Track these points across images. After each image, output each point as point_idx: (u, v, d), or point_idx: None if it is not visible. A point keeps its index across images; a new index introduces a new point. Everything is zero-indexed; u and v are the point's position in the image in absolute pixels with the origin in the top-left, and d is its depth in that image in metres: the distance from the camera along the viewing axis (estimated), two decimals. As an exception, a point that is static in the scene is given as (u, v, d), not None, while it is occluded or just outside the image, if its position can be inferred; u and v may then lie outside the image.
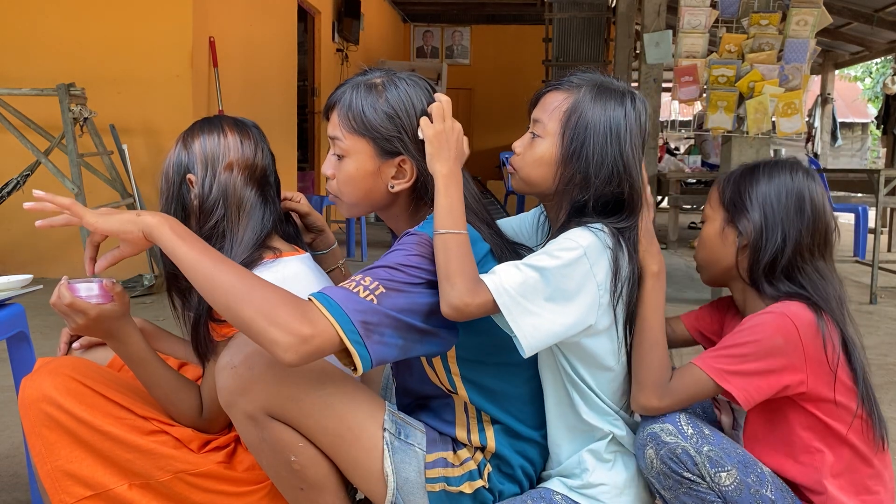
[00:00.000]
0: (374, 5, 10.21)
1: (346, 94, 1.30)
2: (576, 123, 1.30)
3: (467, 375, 1.31)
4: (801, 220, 1.34)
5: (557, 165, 1.31)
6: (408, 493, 1.29)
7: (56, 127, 4.39)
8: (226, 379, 1.22)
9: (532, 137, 1.35)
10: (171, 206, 1.40)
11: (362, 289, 1.14)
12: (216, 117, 1.45)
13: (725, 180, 1.42)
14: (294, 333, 1.07)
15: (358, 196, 1.33)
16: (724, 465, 1.21)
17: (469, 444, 1.35)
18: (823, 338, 1.25)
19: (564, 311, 1.22)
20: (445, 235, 1.21)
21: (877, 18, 8.02)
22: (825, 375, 1.26)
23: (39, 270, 3.94)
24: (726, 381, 1.24)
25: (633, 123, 1.31)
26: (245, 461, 1.34)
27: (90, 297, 1.26)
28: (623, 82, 1.36)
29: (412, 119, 1.29)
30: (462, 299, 1.17)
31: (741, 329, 1.28)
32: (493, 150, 10.36)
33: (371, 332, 1.12)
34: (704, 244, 1.43)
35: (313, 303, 1.12)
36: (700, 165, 8.27)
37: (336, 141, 1.31)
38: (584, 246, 1.24)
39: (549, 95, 1.35)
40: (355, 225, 6.14)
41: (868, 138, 19.19)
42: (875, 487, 1.30)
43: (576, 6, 9.34)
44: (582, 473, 1.33)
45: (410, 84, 1.31)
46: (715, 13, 4.27)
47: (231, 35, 5.59)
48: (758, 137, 4.20)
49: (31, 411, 1.28)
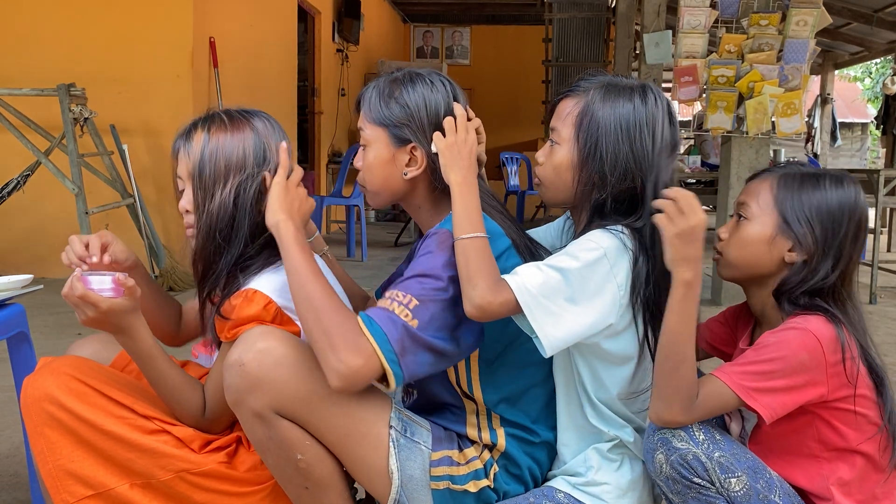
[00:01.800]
0: (374, 5, 10.21)
1: (371, 88, 1.41)
2: (588, 125, 1.32)
3: (486, 376, 1.34)
4: (856, 246, 1.32)
5: (575, 170, 1.34)
6: (412, 491, 1.30)
7: (56, 127, 4.39)
8: (234, 377, 1.22)
9: (551, 146, 1.39)
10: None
11: (397, 305, 1.23)
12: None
13: (780, 181, 1.34)
14: (346, 364, 1.17)
15: (378, 184, 1.41)
16: (734, 471, 1.21)
17: (479, 441, 1.36)
18: (843, 350, 1.25)
19: (585, 311, 1.23)
20: (465, 241, 1.26)
21: (876, 19, 8.02)
22: (845, 387, 1.25)
23: (39, 270, 3.94)
24: (752, 398, 1.22)
25: (645, 117, 1.31)
26: (247, 461, 1.34)
27: (102, 290, 1.26)
28: (635, 79, 1.37)
29: (424, 109, 1.36)
30: (485, 298, 1.20)
31: (765, 345, 1.26)
32: (493, 150, 10.32)
33: (406, 353, 1.20)
34: (743, 243, 1.35)
35: (359, 325, 1.21)
36: (700, 165, 8.25)
37: (361, 132, 1.42)
38: (605, 247, 1.25)
39: (562, 103, 1.38)
40: (355, 225, 6.14)
41: (868, 138, 19.19)
42: (884, 498, 1.29)
43: (576, 6, 9.34)
44: (587, 471, 1.34)
45: (428, 80, 1.39)
46: (715, 13, 4.27)
47: (231, 35, 5.59)
48: (757, 137, 4.20)
49: (33, 410, 1.28)
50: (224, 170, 1.34)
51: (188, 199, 1.37)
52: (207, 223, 1.34)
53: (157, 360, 1.34)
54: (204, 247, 1.35)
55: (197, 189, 1.35)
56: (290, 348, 1.24)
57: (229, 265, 1.34)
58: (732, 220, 1.39)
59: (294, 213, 1.32)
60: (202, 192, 1.34)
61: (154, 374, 1.34)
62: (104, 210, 4.53)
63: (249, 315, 1.28)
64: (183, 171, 1.37)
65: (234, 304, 1.30)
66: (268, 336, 1.24)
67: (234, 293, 1.32)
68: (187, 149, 1.36)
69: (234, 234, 1.34)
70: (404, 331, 1.20)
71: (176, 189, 1.41)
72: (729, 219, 1.41)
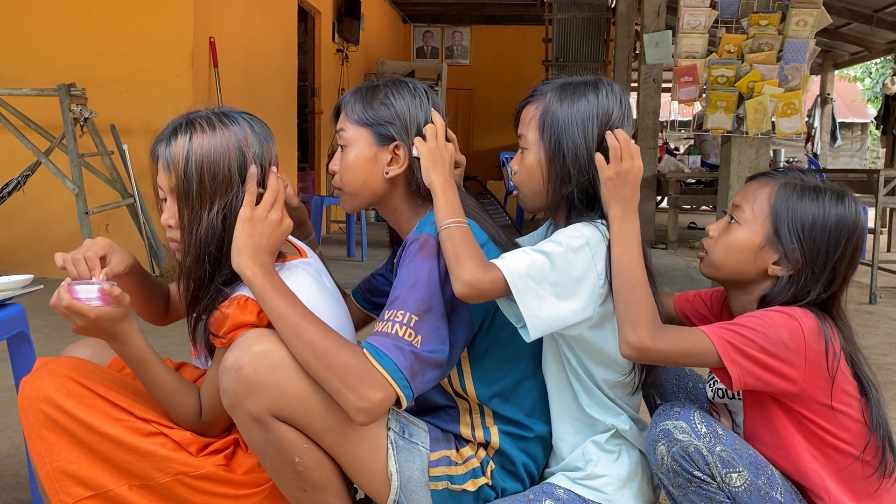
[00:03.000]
0: (374, 5, 10.21)
1: (352, 92, 1.46)
2: (549, 125, 1.38)
3: (477, 372, 1.35)
4: (851, 268, 1.30)
5: (544, 169, 1.39)
6: (411, 492, 1.30)
7: (56, 127, 4.39)
8: (230, 381, 1.22)
9: (521, 152, 1.44)
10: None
11: (399, 326, 1.24)
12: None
13: (779, 190, 1.32)
14: (368, 400, 1.19)
15: (357, 184, 1.43)
16: (735, 466, 1.22)
17: (473, 440, 1.37)
18: (826, 343, 1.25)
19: (568, 297, 1.27)
20: (450, 227, 1.30)
21: (876, 19, 8.03)
22: (823, 381, 1.25)
23: (39, 270, 3.93)
24: (728, 354, 1.21)
25: (598, 108, 1.36)
26: (244, 464, 1.34)
27: (89, 299, 1.25)
28: (591, 75, 1.42)
29: (407, 111, 1.41)
30: (473, 275, 1.24)
31: (751, 315, 1.27)
32: (493, 150, 10.37)
33: (416, 377, 1.24)
34: (730, 248, 1.35)
35: (367, 358, 1.22)
36: (700, 165, 8.26)
37: (340, 133, 1.44)
38: (587, 236, 1.30)
39: (524, 111, 1.44)
40: (355, 225, 6.14)
41: (867, 138, 19.19)
42: (878, 498, 1.29)
43: (576, 6, 9.35)
44: (586, 465, 1.35)
45: (410, 86, 1.44)
46: (715, 13, 4.27)
47: (231, 35, 5.59)
48: (757, 137, 4.20)
49: (31, 412, 1.27)
50: (210, 189, 1.30)
51: (172, 213, 1.33)
52: (196, 247, 1.31)
53: (151, 364, 1.33)
54: (193, 270, 1.32)
55: (182, 208, 1.31)
56: (286, 352, 1.23)
57: (219, 286, 1.32)
58: (724, 220, 1.39)
59: (261, 250, 1.28)
60: (189, 213, 1.31)
61: (148, 378, 1.34)
62: (104, 210, 4.53)
63: (244, 321, 1.28)
64: (164, 183, 1.33)
65: (227, 313, 1.28)
66: (264, 339, 1.24)
67: (224, 302, 1.30)
68: (167, 159, 1.32)
69: (224, 257, 1.31)
70: (412, 356, 1.22)
71: (157, 196, 1.37)
72: (723, 214, 1.42)
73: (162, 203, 1.36)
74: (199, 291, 1.33)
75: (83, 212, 4.26)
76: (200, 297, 1.34)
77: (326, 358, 1.21)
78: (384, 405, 1.21)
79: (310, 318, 1.24)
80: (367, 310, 1.69)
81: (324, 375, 1.21)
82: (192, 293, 1.34)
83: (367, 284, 1.68)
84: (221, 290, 1.32)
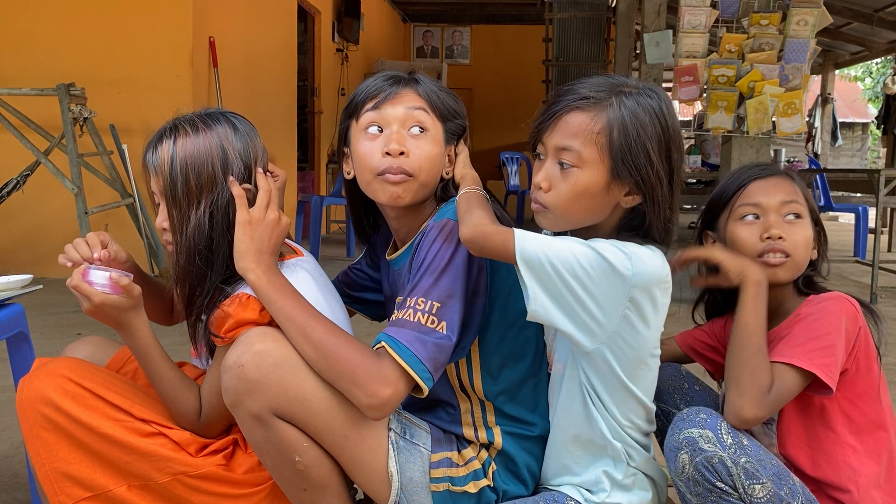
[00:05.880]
0: (374, 5, 10.21)
1: (425, 77, 1.41)
2: (624, 146, 1.21)
3: (486, 366, 1.34)
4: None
5: (605, 192, 1.23)
6: (412, 493, 1.30)
7: (56, 127, 4.39)
8: (232, 379, 1.22)
9: (562, 168, 1.24)
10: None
11: (421, 315, 1.23)
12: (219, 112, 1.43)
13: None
14: (376, 396, 1.19)
15: (432, 175, 1.38)
16: (759, 478, 1.19)
17: (476, 440, 1.36)
18: (869, 324, 1.31)
19: (579, 301, 1.20)
20: (469, 192, 1.30)
21: (877, 18, 8.02)
22: (870, 359, 1.30)
23: (39, 270, 3.93)
24: (828, 376, 1.23)
25: (675, 128, 1.26)
26: (244, 463, 1.34)
27: (98, 284, 1.28)
28: (634, 79, 1.30)
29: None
30: (482, 220, 1.22)
31: (811, 320, 1.30)
32: (493, 150, 10.35)
33: (438, 367, 1.23)
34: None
35: (387, 350, 1.21)
36: (700, 165, 8.25)
37: (413, 112, 1.36)
38: (636, 269, 1.19)
39: (569, 118, 1.23)
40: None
41: (868, 138, 19.19)
42: None
43: (576, 6, 9.33)
44: (599, 493, 1.32)
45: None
46: (715, 13, 4.27)
47: (231, 35, 5.59)
48: (758, 137, 4.20)
49: (29, 413, 1.27)
50: (196, 188, 1.31)
51: (164, 216, 1.35)
52: (187, 246, 1.31)
53: (154, 358, 1.34)
54: (187, 270, 1.33)
55: (171, 209, 1.33)
56: (289, 350, 1.23)
57: (213, 286, 1.33)
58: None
59: (264, 251, 1.29)
60: (177, 213, 1.32)
61: (152, 371, 1.35)
62: (104, 210, 4.53)
63: (246, 319, 1.27)
64: (155, 187, 1.36)
65: (228, 311, 1.28)
66: (266, 338, 1.24)
67: (225, 301, 1.30)
68: (154, 164, 1.34)
69: (215, 255, 1.32)
70: (434, 347, 1.21)
71: (152, 202, 1.39)
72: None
73: (156, 208, 1.38)
74: (195, 290, 1.34)
75: (83, 212, 4.26)
76: (197, 295, 1.34)
77: (335, 356, 1.21)
78: (395, 398, 1.20)
79: (316, 317, 1.25)
80: (346, 303, 1.67)
81: (333, 374, 1.21)
82: (188, 293, 1.35)
83: (345, 278, 1.66)
84: (221, 288, 1.32)
